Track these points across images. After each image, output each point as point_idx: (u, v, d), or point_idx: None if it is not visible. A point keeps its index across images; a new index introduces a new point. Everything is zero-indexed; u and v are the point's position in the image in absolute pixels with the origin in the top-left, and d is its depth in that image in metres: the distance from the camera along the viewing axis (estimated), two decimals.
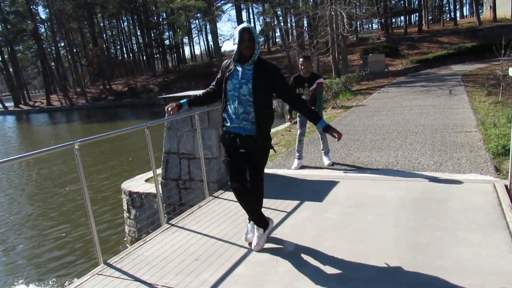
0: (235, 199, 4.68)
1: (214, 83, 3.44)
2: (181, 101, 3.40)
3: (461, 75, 17.79)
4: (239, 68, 3.16)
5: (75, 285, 3.10)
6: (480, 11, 36.91)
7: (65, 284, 5.64)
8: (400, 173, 5.26)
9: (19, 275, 6.41)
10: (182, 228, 4.04)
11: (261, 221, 3.38)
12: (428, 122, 8.35)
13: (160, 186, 5.77)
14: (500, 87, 10.85)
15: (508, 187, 4.18)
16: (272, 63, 3.23)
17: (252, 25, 3.20)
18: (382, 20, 30.95)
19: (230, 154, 3.24)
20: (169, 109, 3.37)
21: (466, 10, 52.92)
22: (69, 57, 53.00)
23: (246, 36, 3.06)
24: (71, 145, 3.23)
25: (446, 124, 7.99)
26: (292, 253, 3.28)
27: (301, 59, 5.81)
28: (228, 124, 3.21)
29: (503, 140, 6.00)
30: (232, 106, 3.15)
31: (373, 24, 46.20)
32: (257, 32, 3.15)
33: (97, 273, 3.25)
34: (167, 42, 51.80)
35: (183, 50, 57.46)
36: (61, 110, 45.15)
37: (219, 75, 3.35)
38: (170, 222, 4.24)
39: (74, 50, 51.91)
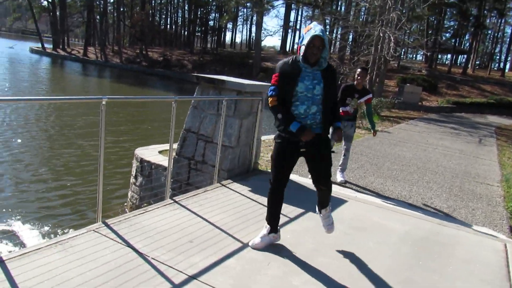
0: (241, 192, 4.71)
1: (278, 91, 3.18)
2: (300, 125, 3.13)
3: (495, 127, 17.38)
4: (309, 70, 3.14)
5: (70, 236, 3.14)
6: None
7: (58, 233, 5.72)
8: (411, 207, 5.16)
9: (19, 212, 6.53)
10: (184, 207, 4.05)
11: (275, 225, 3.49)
12: (451, 165, 8.18)
13: (172, 161, 5.80)
14: None
15: None
16: (334, 67, 3.31)
17: (322, 27, 3.06)
18: (428, 53, 30.42)
19: (285, 154, 3.28)
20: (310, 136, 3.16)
21: None
22: (115, 15, 53.72)
23: (317, 43, 3.03)
24: (99, 99, 3.25)
25: (468, 171, 7.81)
26: (286, 259, 3.25)
27: (359, 70, 5.89)
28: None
29: None
30: (303, 106, 3.15)
31: (418, 55, 45.48)
32: (327, 41, 3.10)
33: (93, 230, 3.28)
34: (211, 23, 52.01)
35: (225, 35, 57.52)
36: (95, 63, 45.85)
37: (279, 79, 3.17)
38: (173, 198, 4.25)
39: (121, 9, 52.59)
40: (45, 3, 55.32)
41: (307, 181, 5.65)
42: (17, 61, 37.04)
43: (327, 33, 31.16)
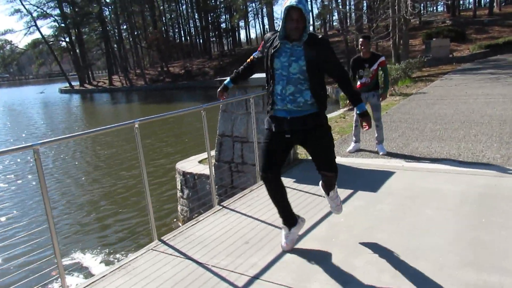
0: (286, 184, 4.67)
1: (256, 54, 3.18)
2: (225, 83, 3.39)
3: None
4: (288, 45, 2.83)
5: (130, 259, 3.25)
6: None
7: (119, 258, 5.95)
8: (462, 165, 4.95)
9: (80, 244, 6.85)
10: (233, 210, 4.09)
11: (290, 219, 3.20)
12: (496, 112, 7.78)
13: (213, 168, 5.88)
14: None
15: None
16: (323, 37, 2.92)
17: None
18: (449, 2, 29.04)
19: (271, 140, 2.94)
20: (218, 96, 3.46)
21: None
22: (130, 39, 55.08)
23: (294, 15, 2.70)
24: (131, 123, 3.34)
25: None
26: (343, 242, 3.21)
27: (360, 39, 5.72)
28: (277, 107, 2.90)
29: None
30: (279, 86, 2.86)
31: (439, 7, 43.58)
32: (308, 8, 2.79)
33: (151, 249, 3.38)
34: (223, 25, 52.33)
35: (239, 34, 57.76)
36: (122, 90, 47.28)
37: (261, 48, 3.08)
38: (221, 204, 4.31)
39: (135, 33, 53.88)
40: (64, 44, 57.56)
41: (349, 160, 5.56)
42: (50, 104, 38.85)
43: (340, 6, 30.48)
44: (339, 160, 5.56)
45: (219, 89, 3.40)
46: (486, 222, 3.33)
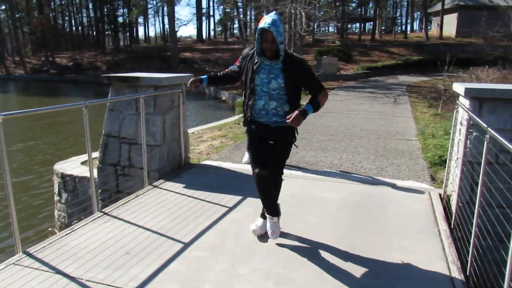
0: (175, 190, 4.54)
1: (234, 67, 3.32)
2: (202, 77, 3.31)
3: (406, 85, 18.61)
4: (266, 62, 3.02)
5: None
6: (429, 27, 38.92)
7: None
8: (343, 175, 5.33)
9: None
10: (115, 217, 3.79)
11: (274, 210, 3.27)
12: (373, 128, 8.60)
13: (96, 170, 5.43)
14: (440, 100, 11.44)
15: (442, 196, 4.37)
16: (300, 57, 3.11)
17: (276, 17, 2.88)
18: (339, 24, 31.60)
19: (258, 143, 3.20)
20: (189, 85, 3.25)
21: (416, 25, 55.69)
22: (10, 22, 49.05)
23: (269, 36, 2.88)
24: None
25: (389, 131, 8.26)
26: (230, 250, 3.18)
27: None
28: (260, 119, 3.15)
29: (440, 151, 6.29)
30: (261, 101, 3.08)
31: (330, 28, 47.20)
32: (280, 30, 2.87)
33: (13, 263, 2.94)
34: (120, 19, 49.48)
35: (137, 30, 55.25)
36: None
37: (238, 63, 3.25)
38: (103, 210, 3.97)
39: (17, 15, 48.15)
40: None
41: (240, 167, 5.60)
42: None
43: (241, 15, 31.07)
44: (231, 166, 5.60)
45: (193, 79, 3.25)
46: (361, 228, 3.60)
